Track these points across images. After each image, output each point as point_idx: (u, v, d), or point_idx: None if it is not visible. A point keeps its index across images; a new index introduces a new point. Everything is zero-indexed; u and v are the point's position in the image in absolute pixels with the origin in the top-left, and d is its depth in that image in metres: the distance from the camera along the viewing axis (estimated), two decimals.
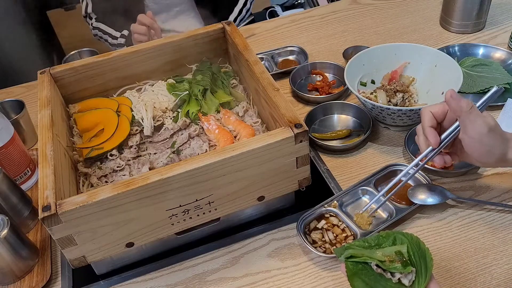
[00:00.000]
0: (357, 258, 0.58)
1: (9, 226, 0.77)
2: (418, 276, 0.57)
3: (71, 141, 0.92)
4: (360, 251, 0.58)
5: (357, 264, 0.57)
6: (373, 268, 0.57)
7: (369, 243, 0.60)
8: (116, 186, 0.69)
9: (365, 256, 0.57)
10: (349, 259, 0.58)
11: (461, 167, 0.89)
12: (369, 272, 0.57)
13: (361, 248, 0.59)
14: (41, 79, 0.93)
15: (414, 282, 0.56)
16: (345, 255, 0.58)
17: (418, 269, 0.57)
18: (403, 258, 0.57)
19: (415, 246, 0.58)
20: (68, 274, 0.82)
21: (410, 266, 0.56)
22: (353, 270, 0.57)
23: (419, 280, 0.56)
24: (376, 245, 0.59)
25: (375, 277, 0.56)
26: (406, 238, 0.59)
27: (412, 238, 0.59)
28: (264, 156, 0.74)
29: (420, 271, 0.57)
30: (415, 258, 0.58)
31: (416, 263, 0.57)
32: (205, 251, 0.83)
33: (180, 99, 0.97)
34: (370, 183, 0.87)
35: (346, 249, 0.59)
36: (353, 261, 0.58)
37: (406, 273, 0.56)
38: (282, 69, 1.22)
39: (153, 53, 0.99)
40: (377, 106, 0.94)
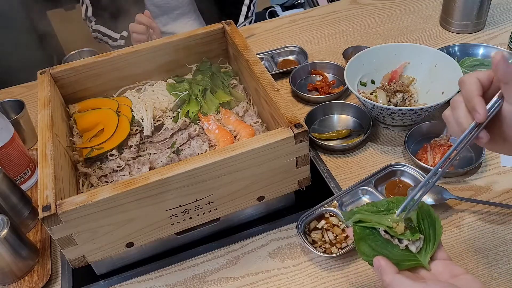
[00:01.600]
0: (365, 223, 0.56)
1: (9, 226, 0.77)
2: (426, 243, 0.55)
3: (71, 141, 0.92)
4: (369, 216, 0.57)
5: (364, 228, 0.56)
6: (381, 234, 0.55)
7: (378, 208, 0.58)
8: (116, 186, 0.69)
9: (374, 222, 0.56)
10: (357, 223, 0.57)
11: (461, 167, 0.89)
12: (377, 237, 0.56)
13: (370, 213, 0.58)
14: (41, 79, 0.93)
15: (421, 249, 0.55)
16: (354, 220, 0.57)
17: (427, 236, 0.56)
18: (412, 225, 0.55)
19: (425, 214, 0.57)
20: (68, 274, 0.82)
21: (419, 233, 0.55)
22: (361, 234, 0.56)
23: (427, 247, 0.55)
24: (385, 210, 0.58)
25: (382, 243, 0.55)
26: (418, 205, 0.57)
27: (422, 205, 0.58)
28: (264, 156, 0.74)
29: (429, 239, 0.56)
30: (424, 225, 0.56)
31: (425, 230, 0.56)
32: (205, 251, 0.83)
33: (180, 99, 0.97)
34: (370, 183, 0.87)
35: (355, 214, 0.57)
36: (361, 226, 0.56)
37: (414, 240, 0.55)
38: (282, 69, 1.22)
39: (153, 53, 0.99)
40: (377, 106, 0.94)
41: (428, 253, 0.55)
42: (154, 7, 1.53)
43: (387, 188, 0.88)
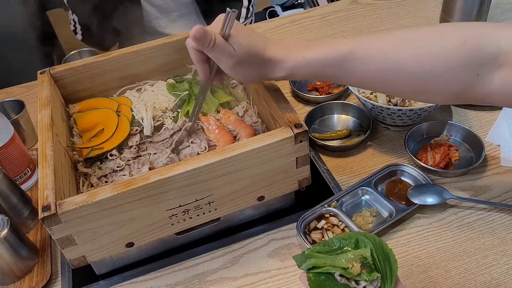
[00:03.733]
0: (319, 269, 0.54)
1: (9, 226, 0.77)
2: (383, 281, 0.53)
3: (71, 141, 0.92)
4: (323, 259, 0.54)
5: (319, 275, 0.54)
6: (337, 279, 0.53)
7: (330, 247, 0.56)
8: (116, 186, 0.69)
9: (328, 266, 0.53)
10: (311, 270, 0.54)
11: (461, 167, 0.89)
12: (333, 282, 0.53)
13: (323, 255, 0.55)
14: (41, 79, 0.93)
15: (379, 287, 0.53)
16: (307, 266, 0.54)
17: (383, 273, 0.54)
18: (368, 263, 0.53)
19: (378, 249, 0.55)
20: (68, 274, 0.82)
21: (375, 272, 0.53)
22: (316, 282, 0.53)
23: (385, 285, 0.53)
24: (338, 249, 0.56)
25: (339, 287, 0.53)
26: (369, 240, 0.55)
27: (375, 240, 0.56)
28: (264, 156, 0.74)
29: (385, 276, 0.54)
30: (380, 262, 0.54)
31: (381, 267, 0.54)
32: (205, 251, 0.83)
33: (180, 99, 0.97)
34: (370, 183, 0.87)
35: (308, 258, 0.55)
36: (315, 273, 0.54)
37: (371, 280, 0.52)
38: None
39: (153, 53, 0.99)
40: (377, 106, 0.94)
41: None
42: (152, 8, 1.52)
43: (387, 188, 0.88)
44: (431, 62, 0.62)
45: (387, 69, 0.65)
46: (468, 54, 0.60)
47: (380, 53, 0.65)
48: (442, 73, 0.62)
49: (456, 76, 0.61)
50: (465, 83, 0.62)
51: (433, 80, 0.63)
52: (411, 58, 0.63)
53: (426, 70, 0.62)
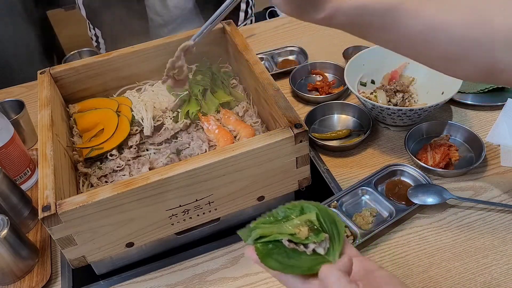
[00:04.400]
0: (266, 238, 0.53)
1: (9, 226, 0.77)
2: (332, 241, 0.53)
3: (71, 141, 0.92)
4: (269, 228, 0.53)
5: (266, 244, 0.52)
6: (285, 245, 0.52)
7: (276, 217, 0.55)
8: (116, 186, 0.69)
9: (275, 234, 0.53)
10: (258, 241, 0.52)
11: (461, 167, 0.89)
12: (281, 249, 0.52)
13: (269, 225, 0.54)
14: (41, 79, 0.93)
15: (329, 249, 0.52)
16: (254, 237, 0.52)
17: (331, 234, 0.53)
18: (314, 226, 0.53)
19: (323, 212, 0.55)
20: (68, 274, 0.82)
21: (322, 233, 0.53)
22: (264, 251, 0.52)
23: (334, 245, 0.53)
24: (283, 218, 0.55)
25: (288, 254, 0.52)
26: (314, 206, 0.55)
27: (319, 205, 0.55)
28: (264, 156, 0.74)
29: (333, 237, 0.53)
30: (326, 224, 0.54)
31: (328, 229, 0.54)
32: (205, 251, 0.83)
33: (180, 99, 0.97)
34: (370, 183, 0.87)
35: (253, 230, 0.53)
36: (262, 242, 0.52)
37: (319, 241, 0.52)
38: (282, 69, 1.22)
39: (153, 53, 0.99)
40: (377, 106, 0.94)
41: (336, 251, 0.52)
42: (157, 17, 1.52)
43: (387, 188, 0.88)
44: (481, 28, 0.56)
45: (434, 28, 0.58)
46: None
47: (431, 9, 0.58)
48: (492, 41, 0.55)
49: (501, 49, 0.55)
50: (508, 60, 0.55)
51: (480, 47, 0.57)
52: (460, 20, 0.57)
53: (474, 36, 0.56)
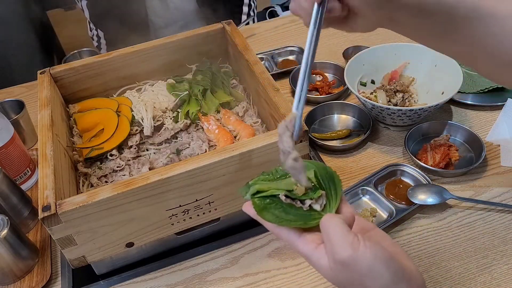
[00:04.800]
0: (264, 193, 0.52)
1: (9, 226, 0.77)
2: (328, 199, 0.53)
3: (71, 141, 0.92)
4: (267, 184, 0.53)
5: (264, 199, 0.52)
6: (282, 200, 0.52)
7: (274, 175, 0.56)
8: (116, 186, 0.69)
9: (272, 189, 0.53)
10: (255, 196, 0.52)
11: (461, 167, 0.89)
12: (278, 204, 0.52)
13: (267, 182, 0.54)
14: (41, 79, 0.93)
15: (325, 206, 0.53)
16: (251, 192, 0.52)
17: (328, 192, 0.53)
18: (312, 183, 0.53)
19: (322, 170, 0.55)
20: (68, 274, 0.82)
21: (319, 190, 0.53)
22: (261, 205, 0.52)
23: (330, 202, 0.53)
24: (282, 176, 0.55)
25: (285, 209, 0.52)
26: (312, 164, 0.55)
27: (318, 164, 0.56)
28: (264, 156, 0.73)
29: (330, 194, 0.53)
30: (324, 181, 0.54)
31: (325, 186, 0.54)
32: (205, 251, 0.83)
33: (180, 99, 0.97)
34: (370, 183, 0.87)
35: (251, 185, 0.53)
36: (260, 197, 0.52)
37: (316, 198, 0.52)
38: (282, 69, 1.22)
39: (153, 53, 0.99)
40: (377, 106, 0.94)
41: (332, 208, 0.53)
42: (157, 18, 1.53)
43: (387, 188, 0.88)
44: None
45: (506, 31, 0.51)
46: None
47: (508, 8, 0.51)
48: None
49: None
50: None
51: None
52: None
53: None
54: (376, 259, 0.45)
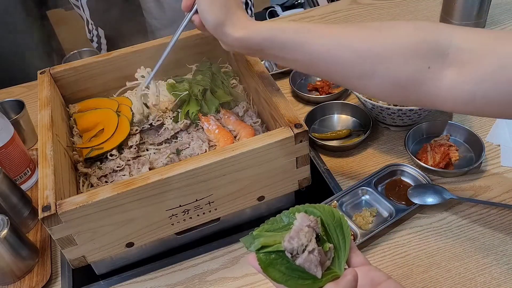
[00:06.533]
0: (269, 248, 0.50)
1: (9, 226, 0.77)
2: (337, 250, 0.50)
3: (71, 141, 0.92)
4: (272, 237, 0.51)
5: (269, 254, 0.50)
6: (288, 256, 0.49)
7: (279, 224, 0.53)
8: (116, 186, 0.69)
9: (278, 244, 0.50)
10: (260, 250, 0.50)
11: (461, 167, 0.89)
12: (284, 260, 0.49)
13: (272, 233, 0.51)
14: (41, 79, 0.93)
15: (333, 259, 0.50)
16: (256, 246, 0.50)
17: (336, 242, 0.51)
18: (319, 235, 0.50)
19: (329, 217, 0.52)
20: (68, 274, 0.82)
21: (327, 243, 0.50)
22: (267, 261, 0.49)
23: (339, 255, 0.50)
24: (287, 225, 0.52)
25: (291, 265, 0.49)
26: (318, 211, 0.52)
27: (324, 209, 0.53)
28: (264, 156, 0.74)
29: (339, 245, 0.51)
30: (331, 230, 0.51)
31: (333, 235, 0.51)
32: (205, 251, 0.83)
33: (180, 99, 0.97)
34: (370, 183, 0.87)
35: (256, 238, 0.51)
36: (265, 252, 0.50)
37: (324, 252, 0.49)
38: (282, 69, 1.22)
39: (153, 53, 0.99)
40: (377, 106, 0.94)
41: (342, 261, 0.50)
42: (154, 21, 1.52)
43: (387, 188, 0.88)
44: (382, 43, 0.62)
45: (340, 45, 0.64)
46: (419, 41, 0.60)
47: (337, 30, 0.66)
48: (391, 55, 0.61)
49: (404, 61, 0.61)
50: (414, 73, 0.61)
51: (383, 61, 0.62)
52: (364, 37, 0.63)
53: (376, 50, 0.62)
54: None
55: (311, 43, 0.66)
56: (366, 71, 0.64)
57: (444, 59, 0.59)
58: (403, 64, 0.61)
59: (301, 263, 0.48)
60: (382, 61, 0.62)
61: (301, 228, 0.49)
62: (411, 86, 0.62)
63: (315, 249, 0.48)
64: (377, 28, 0.64)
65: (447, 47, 0.59)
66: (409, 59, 0.61)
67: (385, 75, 0.63)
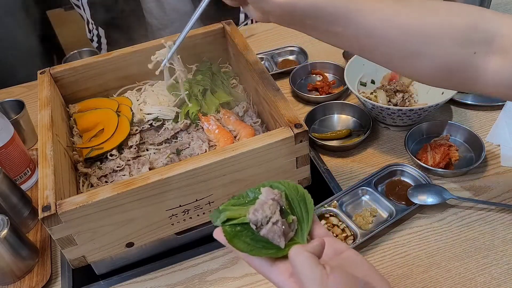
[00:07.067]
0: (234, 220, 0.51)
1: (9, 226, 0.77)
2: (300, 222, 0.52)
3: (71, 141, 0.92)
4: (237, 211, 0.52)
5: (235, 226, 0.51)
6: (252, 227, 0.51)
7: (245, 199, 0.54)
8: (116, 186, 0.69)
9: (243, 216, 0.51)
10: (226, 223, 0.51)
11: (461, 167, 0.89)
12: (249, 231, 0.51)
13: (238, 207, 0.53)
14: (41, 79, 0.93)
15: (297, 230, 0.52)
16: (222, 219, 0.51)
17: (299, 215, 0.53)
18: (283, 208, 0.52)
19: (293, 192, 0.54)
20: (68, 274, 0.82)
21: (290, 215, 0.52)
22: (232, 233, 0.51)
23: (302, 226, 0.52)
24: (253, 200, 0.53)
25: (256, 236, 0.51)
26: (283, 186, 0.54)
27: (289, 184, 0.55)
28: (264, 156, 0.74)
29: (302, 217, 0.52)
30: (295, 204, 0.53)
31: (296, 209, 0.53)
32: (205, 251, 0.83)
33: (180, 99, 0.97)
34: (370, 183, 0.87)
35: (222, 212, 0.52)
36: (230, 224, 0.51)
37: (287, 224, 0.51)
38: (282, 69, 1.22)
39: (153, 53, 0.99)
40: (377, 106, 0.94)
41: (304, 232, 0.52)
42: (154, 21, 1.53)
43: (387, 188, 0.88)
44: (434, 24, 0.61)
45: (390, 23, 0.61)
46: (470, 26, 0.60)
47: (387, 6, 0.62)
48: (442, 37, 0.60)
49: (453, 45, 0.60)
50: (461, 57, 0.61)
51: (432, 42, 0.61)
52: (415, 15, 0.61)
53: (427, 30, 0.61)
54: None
55: (361, 16, 0.62)
56: (412, 51, 0.62)
57: (490, 46, 0.59)
58: (452, 47, 0.60)
59: (265, 233, 0.50)
60: (431, 41, 0.60)
61: (265, 201, 0.50)
62: (455, 70, 0.61)
63: (279, 221, 0.50)
64: (430, 8, 0.62)
65: (494, 34, 0.59)
66: (459, 43, 0.60)
67: (433, 56, 0.61)
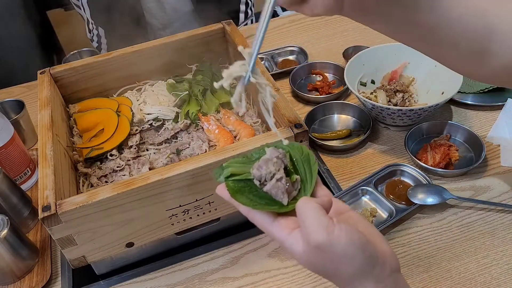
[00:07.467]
0: (238, 176, 0.51)
1: (9, 226, 0.77)
2: (303, 182, 0.52)
3: (71, 141, 0.92)
4: (241, 168, 0.52)
5: (238, 182, 0.51)
6: (256, 184, 0.51)
7: (250, 158, 0.55)
8: (116, 186, 0.69)
9: (247, 173, 0.51)
10: (229, 178, 0.51)
11: (461, 167, 0.89)
12: (252, 188, 0.51)
13: (242, 165, 0.53)
14: (41, 79, 0.93)
15: (300, 189, 0.52)
16: (225, 175, 0.51)
17: (303, 175, 0.53)
18: (287, 167, 0.52)
19: (297, 153, 0.54)
20: (68, 274, 0.82)
21: (294, 174, 0.52)
22: (235, 188, 0.51)
23: (305, 186, 0.52)
24: (257, 159, 0.53)
25: (259, 193, 0.51)
26: (287, 147, 0.54)
27: (293, 145, 0.55)
28: None
29: (305, 178, 0.52)
30: (299, 164, 0.53)
31: (300, 169, 0.53)
32: (205, 251, 0.83)
33: (180, 99, 0.97)
34: (370, 183, 0.87)
35: (225, 168, 0.52)
36: (234, 180, 0.51)
37: (291, 182, 0.51)
38: (282, 69, 1.22)
39: (153, 53, 0.99)
40: (377, 106, 0.94)
41: (307, 192, 0.52)
42: (154, 20, 1.53)
43: (387, 188, 0.88)
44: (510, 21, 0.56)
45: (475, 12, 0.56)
46: None
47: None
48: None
49: None
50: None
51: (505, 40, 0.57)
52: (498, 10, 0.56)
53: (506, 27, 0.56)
54: (351, 242, 0.45)
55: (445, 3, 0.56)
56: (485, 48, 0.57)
57: None
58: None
59: (269, 189, 0.50)
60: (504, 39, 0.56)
61: (270, 159, 0.51)
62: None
63: (283, 178, 0.50)
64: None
65: None
66: None
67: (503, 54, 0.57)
